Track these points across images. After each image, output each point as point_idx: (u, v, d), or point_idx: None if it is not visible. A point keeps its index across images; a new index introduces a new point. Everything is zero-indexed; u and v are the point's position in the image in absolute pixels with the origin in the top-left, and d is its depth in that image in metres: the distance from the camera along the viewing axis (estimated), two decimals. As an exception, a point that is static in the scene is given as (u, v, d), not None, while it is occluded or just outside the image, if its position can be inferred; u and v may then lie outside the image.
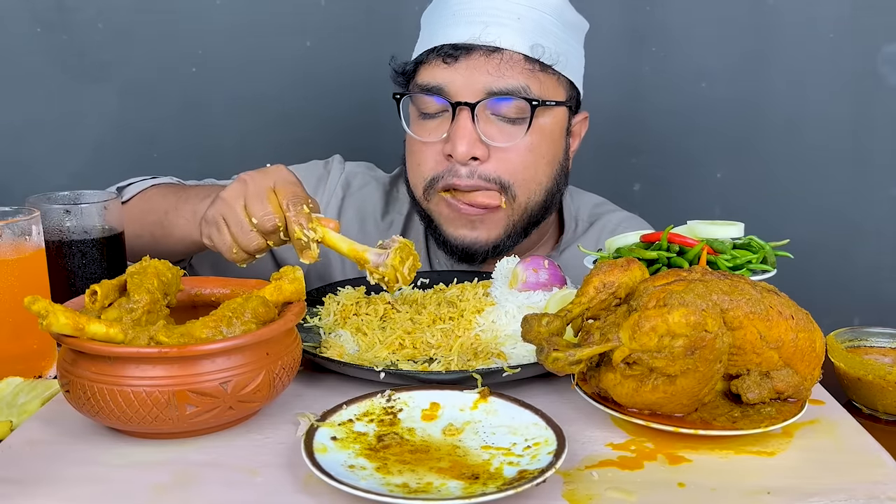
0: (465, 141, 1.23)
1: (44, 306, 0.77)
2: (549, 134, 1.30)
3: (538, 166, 1.29)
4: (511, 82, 1.24)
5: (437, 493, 0.71)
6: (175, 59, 1.89)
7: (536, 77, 1.26)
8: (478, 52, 1.24)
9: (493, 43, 1.23)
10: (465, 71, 1.24)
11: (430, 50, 1.28)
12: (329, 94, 1.92)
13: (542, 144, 1.29)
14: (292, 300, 0.90)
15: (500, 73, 1.24)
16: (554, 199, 1.36)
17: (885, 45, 1.83)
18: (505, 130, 1.26)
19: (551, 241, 1.48)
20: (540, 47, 1.25)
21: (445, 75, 1.26)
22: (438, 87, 1.26)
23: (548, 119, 1.29)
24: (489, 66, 1.24)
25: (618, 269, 0.88)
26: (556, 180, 1.34)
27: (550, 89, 1.28)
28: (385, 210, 1.48)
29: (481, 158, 1.25)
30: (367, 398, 0.87)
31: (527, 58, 1.25)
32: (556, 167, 1.33)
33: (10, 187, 1.83)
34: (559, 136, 1.33)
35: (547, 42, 1.26)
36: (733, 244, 1.06)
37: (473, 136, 1.24)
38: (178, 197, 1.28)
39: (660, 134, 1.93)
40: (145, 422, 0.79)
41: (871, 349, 1.07)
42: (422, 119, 1.30)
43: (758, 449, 0.83)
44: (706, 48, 1.87)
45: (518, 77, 1.24)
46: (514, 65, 1.24)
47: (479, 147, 1.25)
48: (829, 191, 1.92)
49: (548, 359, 0.81)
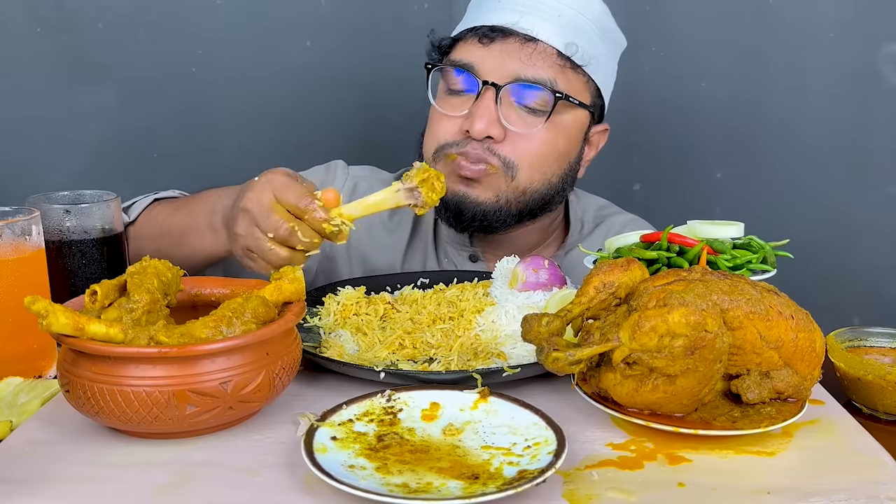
0: (484, 119, 1.26)
1: (44, 306, 0.77)
2: (566, 131, 1.32)
3: (548, 158, 1.31)
4: (540, 73, 1.27)
5: (437, 493, 0.71)
6: (175, 59, 1.89)
7: (565, 74, 1.29)
8: (514, 38, 1.28)
9: (529, 32, 1.27)
10: (498, 53, 1.28)
11: (469, 29, 1.32)
12: (329, 94, 1.92)
13: (558, 140, 1.32)
14: (292, 300, 0.90)
15: (531, 61, 1.27)
16: (555, 197, 1.36)
17: (885, 44, 1.83)
18: (525, 119, 1.29)
19: (557, 241, 1.49)
20: (574, 45, 1.28)
21: (479, 54, 1.29)
22: (470, 64, 1.29)
23: (568, 117, 1.32)
24: (522, 54, 1.27)
25: (618, 269, 0.88)
26: (561, 178, 1.35)
27: (577, 89, 1.31)
28: (395, 211, 1.49)
29: (496, 139, 1.28)
30: (367, 398, 0.87)
31: (559, 53, 1.28)
32: (566, 166, 1.35)
33: (10, 187, 1.82)
34: (576, 138, 1.35)
35: (582, 43, 1.29)
36: (733, 244, 1.06)
37: (493, 116, 1.27)
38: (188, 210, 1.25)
39: (660, 134, 1.93)
40: (145, 422, 0.79)
41: (871, 349, 1.07)
42: (448, 95, 1.34)
43: (758, 449, 0.83)
44: (706, 48, 1.87)
45: (548, 69, 1.27)
46: (547, 57, 1.27)
47: (497, 127, 1.27)
48: (829, 190, 1.91)
49: (548, 359, 0.81)
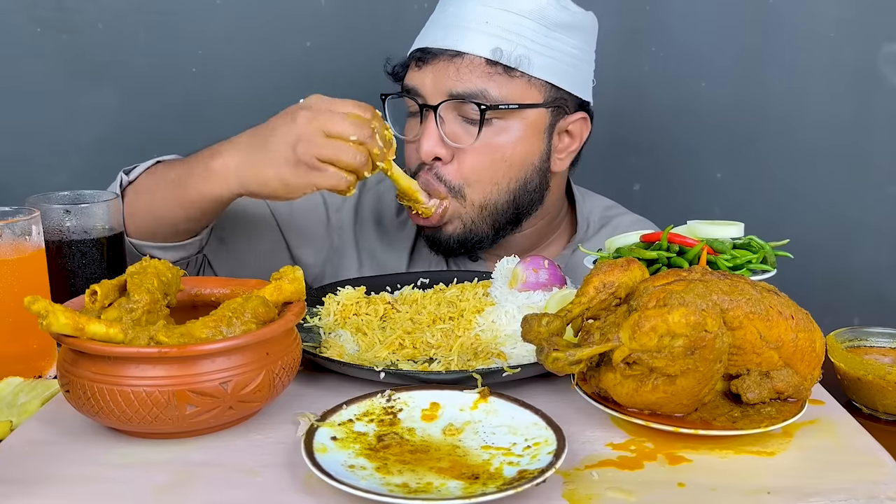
0: (428, 141, 1.30)
1: (44, 306, 0.77)
2: (515, 137, 1.31)
3: (495, 168, 1.32)
4: (469, 85, 1.28)
5: (437, 493, 0.71)
6: (175, 59, 1.89)
7: (496, 80, 1.28)
8: (443, 56, 1.30)
9: (453, 47, 1.28)
10: (431, 74, 1.30)
11: (410, 53, 1.35)
12: (329, 94, 1.90)
13: (506, 148, 1.31)
14: (292, 300, 0.90)
15: (459, 76, 1.28)
16: (529, 200, 1.36)
17: (885, 44, 1.83)
18: (470, 132, 1.30)
19: (563, 240, 1.50)
20: (499, 51, 1.27)
21: (417, 78, 1.32)
22: (413, 88, 1.33)
23: (514, 122, 1.31)
24: (450, 70, 1.29)
25: (618, 269, 0.88)
26: (525, 182, 1.34)
27: (516, 92, 1.29)
28: (400, 207, 1.50)
29: (444, 159, 1.30)
30: (367, 398, 0.87)
31: (488, 61, 1.27)
32: (526, 169, 1.34)
33: (10, 187, 1.82)
34: (533, 139, 1.33)
35: (511, 46, 1.27)
36: (733, 244, 1.06)
37: (436, 137, 1.29)
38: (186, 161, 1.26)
39: (660, 134, 1.93)
40: (145, 422, 0.79)
41: (871, 349, 1.07)
42: (408, 118, 1.38)
43: (758, 449, 0.83)
44: (706, 48, 1.87)
45: (476, 81, 1.28)
46: (475, 68, 1.28)
47: (441, 147, 1.30)
48: (829, 190, 1.91)
49: (548, 359, 0.81)
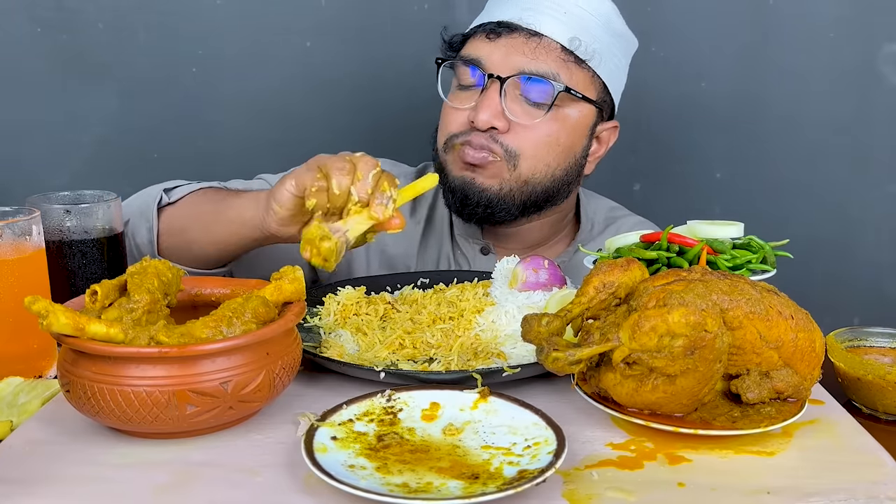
0: (488, 110, 1.30)
1: (44, 306, 0.77)
2: (569, 125, 1.35)
3: (550, 150, 1.34)
4: (543, 66, 1.30)
5: (437, 493, 0.71)
6: (175, 59, 1.88)
7: (569, 68, 1.32)
8: (519, 33, 1.31)
9: (533, 27, 1.31)
10: (503, 48, 1.31)
11: (478, 26, 1.36)
12: (329, 94, 1.92)
13: (562, 133, 1.34)
14: (292, 300, 0.90)
15: (535, 55, 1.30)
16: (560, 191, 1.39)
17: (885, 44, 1.83)
18: (529, 111, 1.32)
19: (567, 238, 1.52)
20: (577, 40, 1.31)
21: (486, 49, 1.33)
22: (477, 59, 1.33)
23: (573, 111, 1.34)
24: (526, 48, 1.31)
25: (618, 269, 0.88)
26: (566, 171, 1.37)
27: (581, 83, 1.34)
28: (413, 203, 1.50)
29: (500, 130, 1.31)
30: (367, 398, 0.87)
31: (564, 48, 1.31)
32: (570, 160, 1.37)
33: (10, 187, 1.82)
34: (580, 132, 1.37)
35: (586, 38, 1.31)
36: (733, 244, 1.06)
37: (497, 108, 1.30)
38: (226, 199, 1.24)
39: (660, 134, 1.93)
40: (145, 422, 0.79)
41: (871, 349, 1.07)
42: (459, 90, 1.38)
43: (758, 449, 0.83)
44: (706, 48, 1.87)
45: (551, 63, 1.31)
46: (550, 52, 1.31)
47: (501, 119, 1.31)
48: (829, 190, 1.91)
49: (548, 359, 0.81)
